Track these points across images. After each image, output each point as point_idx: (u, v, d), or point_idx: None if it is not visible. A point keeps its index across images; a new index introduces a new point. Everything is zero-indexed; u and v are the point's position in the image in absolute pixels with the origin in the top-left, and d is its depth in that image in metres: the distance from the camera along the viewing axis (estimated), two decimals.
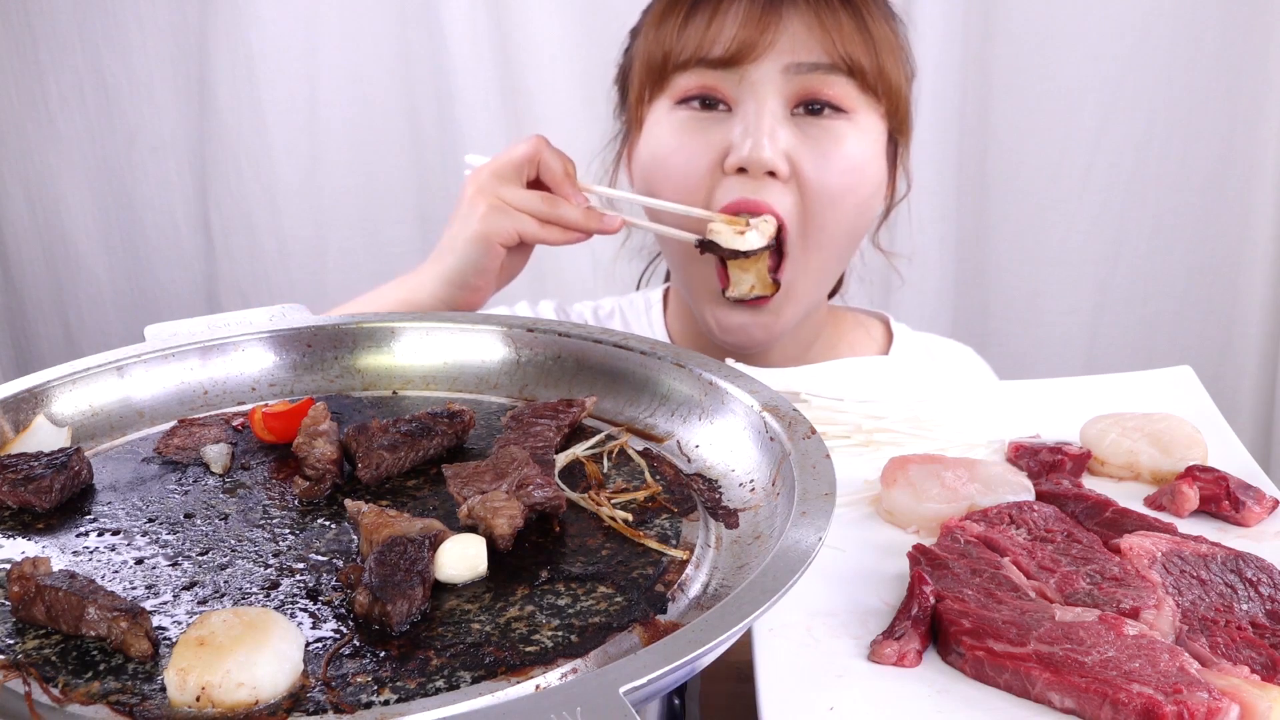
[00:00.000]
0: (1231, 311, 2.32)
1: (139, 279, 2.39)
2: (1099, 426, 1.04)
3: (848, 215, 1.30)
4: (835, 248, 1.32)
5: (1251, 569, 0.84)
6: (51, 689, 0.65)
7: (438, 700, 0.63)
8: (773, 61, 1.25)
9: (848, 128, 1.28)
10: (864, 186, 1.31)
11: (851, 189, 1.29)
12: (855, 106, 1.28)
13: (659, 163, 1.32)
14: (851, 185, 1.29)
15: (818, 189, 1.27)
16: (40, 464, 0.85)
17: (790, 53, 1.25)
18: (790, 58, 1.25)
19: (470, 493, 0.80)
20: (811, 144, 1.27)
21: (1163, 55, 2.19)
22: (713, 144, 1.27)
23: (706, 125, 1.28)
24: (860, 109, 1.29)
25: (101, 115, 2.29)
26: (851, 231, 1.33)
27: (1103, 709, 0.70)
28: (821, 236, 1.29)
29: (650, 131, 1.33)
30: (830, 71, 1.26)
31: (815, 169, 1.26)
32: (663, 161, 1.31)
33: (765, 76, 1.25)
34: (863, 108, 1.29)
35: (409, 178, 2.35)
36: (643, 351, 0.98)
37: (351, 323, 1.07)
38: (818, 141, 1.27)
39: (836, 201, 1.28)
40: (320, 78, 2.28)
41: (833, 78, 1.26)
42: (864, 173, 1.30)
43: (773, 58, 1.25)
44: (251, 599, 0.73)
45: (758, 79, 1.25)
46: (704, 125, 1.28)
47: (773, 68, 1.25)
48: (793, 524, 0.72)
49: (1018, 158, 2.29)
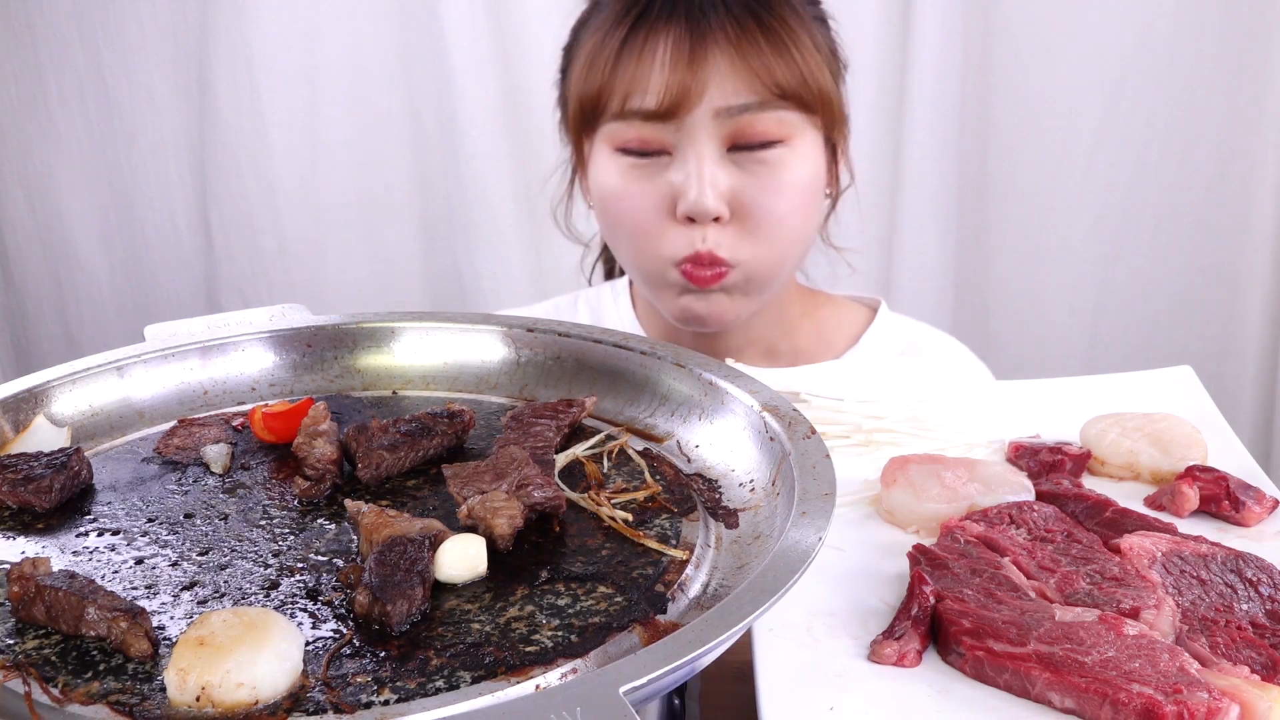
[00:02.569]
0: (1231, 311, 2.32)
1: (139, 279, 2.39)
2: (1099, 426, 1.04)
3: (793, 233, 1.33)
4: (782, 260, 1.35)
5: (1251, 569, 0.84)
6: (51, 689, 0.65)
7: (438, 700, 0.63)
8: (704, 108, 1.27)
9: (786, 154, 1.30)
10: (808, 202, 1.34)
11: (794, 211, 1.32)
12: (790, 132, 1.30)
13: (610, 208, 1.35)
14: (794, 208, 1.32)
15: (764, 218, 1.30)
16: (40, 464, 0.85)
17: (720, 97, 1.26)
18: (720, 102, 1.26)
19: (470, 493, 0.80)
20: (752, 179, 1.29)
21: (1163, 55, 2.19)
22: (658, 190, 1.30)
23: (649, 173, 1.31)
24: (795, 131, 1.30)
25: (101, 115, 2.28)
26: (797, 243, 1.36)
27: (1103, 709, 0.70)
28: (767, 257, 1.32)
29: (596, 172, 1.36)
30: (761, 109, 1.28)
31: (759, 203, 1.29)
32: (613, 207, 1.35)
33: (698, 123, 1.27)
34: (797, 129, 1.31)
35: (409, 178, 2.35)
36: (643, 351, 0.98)
37: (351, 323, 1.07)
38: (758, 176, 1.29)
39: (781, 224, 1.31)
40: (320, 78, 2.28)
41: (764, 114, 1.28)
42: (806, 191, 1.33)
43: (704, 105, 1.26)
44: (251, 599, 0.73)
45: (692, 126, 1.27)
46: (646, 173, 1.31)
47: (704, 114, 1.27)
48: (793, 524, 0.72)
49: (1018, 158, 2.29)
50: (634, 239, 1.34)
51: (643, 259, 1.35)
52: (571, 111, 1.37)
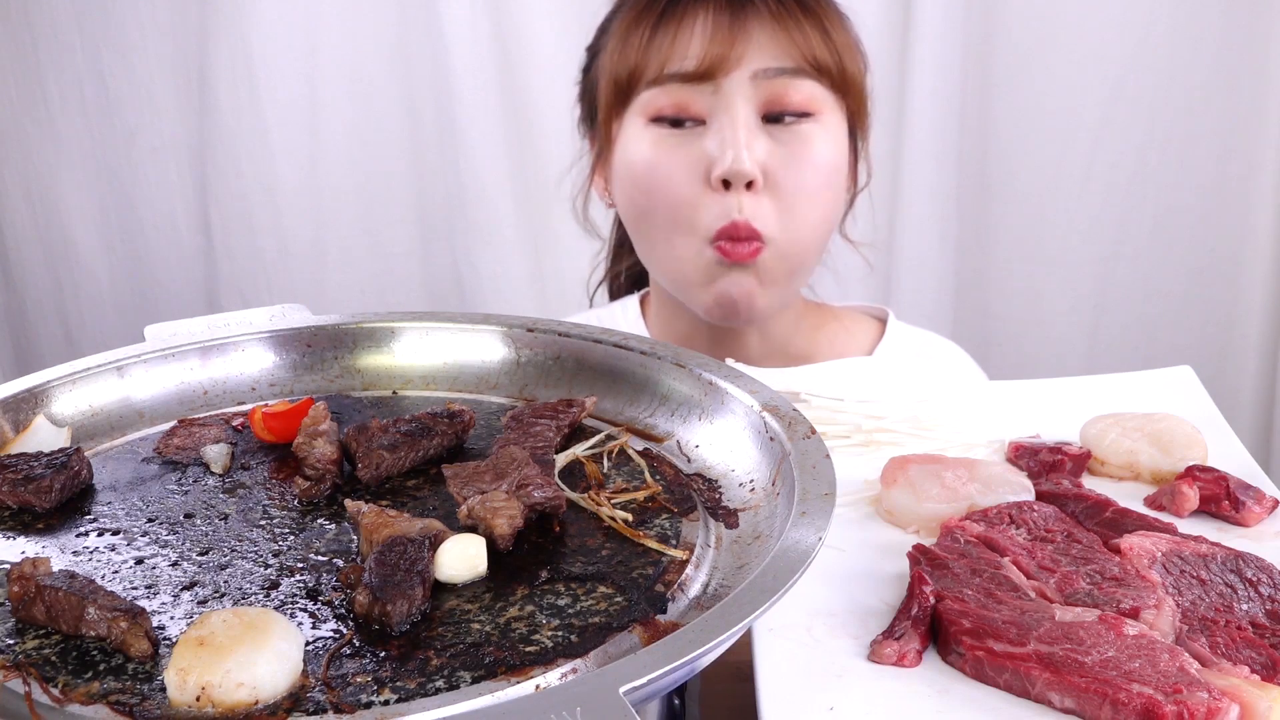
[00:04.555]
0: (1231, 311, 2.32)
1: (139, 279, 2.39)
2: (1099, 426, 1.04)
3: (820, 212, 1.35)
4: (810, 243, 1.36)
5: (1251, 569, 0.84)
6: (51, 689, 0.65)
7: (438, 700, 0.63)
8: (742, 70, 1.28)
9: (816, 129, 1.32)
10: (834, 184, 1.36)
11: (823, 188, 1.33)
12: (821, 108, 1.32)
13: (642, 182, 1.35)
14: (823, 184, 1.33)
15: (793, 192, 1.31)
16: (40, 464, 0.85)
17: (759, 60, 1.28)
18: (759, 64, 1.28)
19: (470, 493, 0.80)
20: (784, 150, 1.31)
21: (1163, 55, 2.19)
22: (692, 159, 1.30)
23: (684, 141, 1.31)
24: (825, 109, 1.33)
25: (101, 115, 2.28)
26: (824, 225, 1.37)
27: (1103, 709, 0.70)
28: (798, 235, 1.33)
29: (626, 150, 1.36)
30: (796, 75, 1.29)
31: (789, 174, 1.30)
32: (646, 180, 1.34)
33: (736, 87, 1.28)
34: (828, 108, 1.33)
35: (409, 178, 2.35)
36: (643, 351, 0.98)
37: (351, 323, 1.07)
38: (789, 147, 1.31)
39: (811, 200, 1.32)
40: (320, 78, 2.28)
41: (799, 81, 1.30)
42: (833, 171, 1.35)
43: (743, 68, 1.28)
44: (251, 599, 0.73)
45: (729, 90, 1.28)
46: (681, 141, 1.31)
47: (742, 76, 1.28)
48: (793, 524, 0.72)
49: (1018, 158, 2.29)
50: (668, 210, 1.32)
51: (677, 238, 1.33)
52: (604, 92, 1.37)
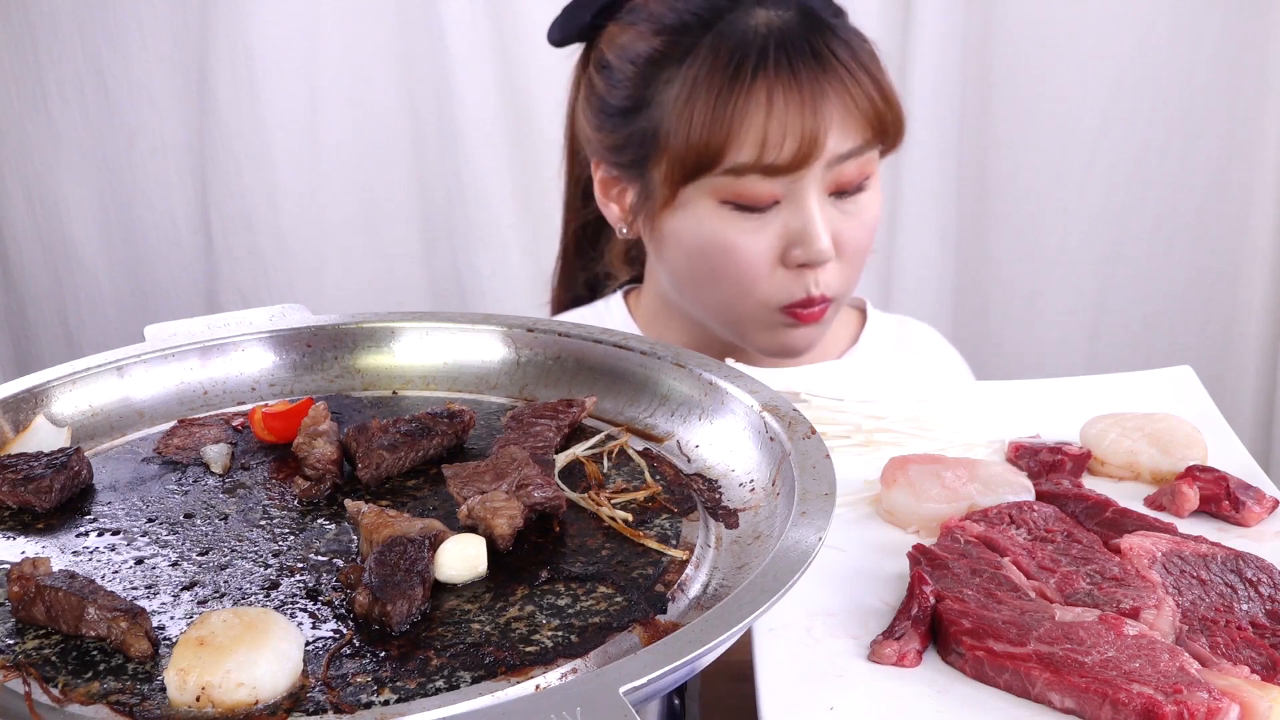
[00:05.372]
0: (1231, 311, 2.32)
1: (139, 279, 2.39)
2: (1099, 426, 1.04)
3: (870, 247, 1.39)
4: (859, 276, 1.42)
5: (1251, 569, 0.84)
6: (51, 689, 0.65)
7: (438, 700, 0.63)
8: (821, 160, 1.28)
9: (870, 193, 1.35)
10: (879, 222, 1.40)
11: (874, 234, 1.38)
12: (872, 169, 1.34)
13: (712, 259, 1.34)
14: (874, 232, 1.38)
15: (856, 252, 1.35)
16: (40, 464, 0.85)
17: (833, 144, 1.28)
18: (833, 150, 1.28)
19: (470, 493, 0.80)
20: (847, 219, 1.33)
21: (1163, 55, 2.19)
22: (770, 242, 1.32)
23: (760, 225, 1.32)
24: (874, 166, 1.35)
25: (101, 115, 2.28)
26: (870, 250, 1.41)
27: (1103, 709, 0.70)
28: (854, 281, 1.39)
29: (691, 223, 1.34)
30: (863, 151, 1.31)
31: (852, 239, 1.34)
32: (716, 258, 1.34)
33: (813, 174, 1.29)
34: (875, 163, 1.35)
35: (409, 178, 2.35)
36: (643, 351, 0.98)
37: (351, 323, 1.07)
38: (852, 216, 1.34)
39: (865, 251, 1.37)
40: (320, 78, 2.27)
41: (862, 157, 1.31)
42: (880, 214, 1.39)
43: (821, 157, 1.28)
44: (251, 599, 0.73)
45: (807, 179, 1.29)
46: (756, 226, 1.32)
47: (819, 165, 1.29)
48: (793, 524, 0.72)
49: (1018, 158, 2.29)
50: (737, 285, 1.34)
51: (742, 304, 1.35)
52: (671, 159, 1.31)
